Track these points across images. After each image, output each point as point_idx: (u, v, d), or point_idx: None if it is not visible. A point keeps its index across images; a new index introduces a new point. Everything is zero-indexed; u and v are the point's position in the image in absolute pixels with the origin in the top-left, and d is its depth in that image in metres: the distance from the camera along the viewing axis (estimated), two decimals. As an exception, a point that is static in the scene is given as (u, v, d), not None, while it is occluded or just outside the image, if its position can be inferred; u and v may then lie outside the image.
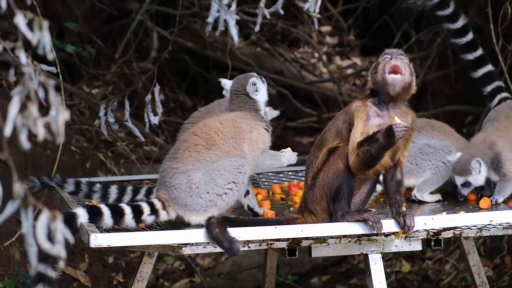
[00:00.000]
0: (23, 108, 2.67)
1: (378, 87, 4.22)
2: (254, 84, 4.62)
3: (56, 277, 3.98)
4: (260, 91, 4.65)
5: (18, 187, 2.61)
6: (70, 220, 4.05)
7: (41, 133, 2.65)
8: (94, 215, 4.12)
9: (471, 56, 5.48)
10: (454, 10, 5.39)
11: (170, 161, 4.41)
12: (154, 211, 4.30)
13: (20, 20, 2.71)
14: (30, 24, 2.75)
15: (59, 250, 2.66)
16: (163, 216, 4.33)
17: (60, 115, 2.68)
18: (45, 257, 3.92)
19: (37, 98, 2.71)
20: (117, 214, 4.18)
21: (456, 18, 5.42)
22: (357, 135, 4.17)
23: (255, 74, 4.72)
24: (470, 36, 5.44)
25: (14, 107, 2.66)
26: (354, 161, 4.18)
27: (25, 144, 2.66)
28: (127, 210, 4.21)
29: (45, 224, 2.63)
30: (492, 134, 5.02)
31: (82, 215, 4.09)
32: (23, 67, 2.74)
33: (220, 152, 4.38)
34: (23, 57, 2.77)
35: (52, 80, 2.81)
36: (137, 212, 4.23)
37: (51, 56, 2.80)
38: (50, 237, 2.65)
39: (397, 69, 4.16)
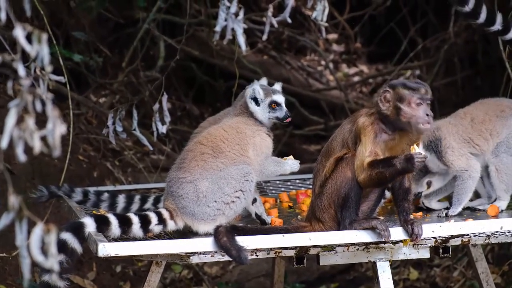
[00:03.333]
0: (21, 120, 2.67)
1: (395, 120, 4.21)
2: (254, 92, 4.59)
3: (64, 286, 3.98)
4: (260, 103, 4.60)
5: (13, 199, 2.61)
6: (78, 230, 4.05)
7: (37, 146, 2.65)
8: (102, 224, 4.12)
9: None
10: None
11: (177, 171, 4.40)
12: (161, 220, 4.29)
13: (19, 32, 2.70)
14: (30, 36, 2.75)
15: (52, 263, 2.66)
16: (171, 225, 4.33)
17: (57, 128, 2.68)
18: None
19: (34, 111, 2.70)
20: (125, 223, 4.18)
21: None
22: (366, 154, 4.18)
23: (262, 84, 4.69)
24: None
25: (11, 119, 2.66)
26: (365, 179, 4.19)
27: (21, 156, 2.66)
28: (135, 219, 4.20)
29: (39, 237, 2.62)
30: (445, 120, 4.96)
31: (90, 225, 4.09)
32: (21, 79, 2.73)
33: (227, 160, 4.38)
34: (21, 69, 2.76)
35: (50, 94, 2.81)
36: (145, 222, 4.23)
37: (49, 68, 2.80)
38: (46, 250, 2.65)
39: (430, 119, 4.20)
